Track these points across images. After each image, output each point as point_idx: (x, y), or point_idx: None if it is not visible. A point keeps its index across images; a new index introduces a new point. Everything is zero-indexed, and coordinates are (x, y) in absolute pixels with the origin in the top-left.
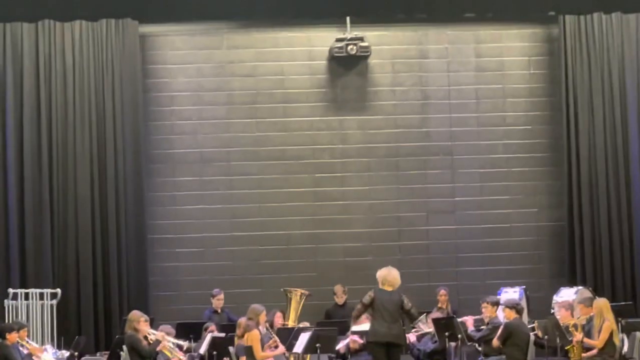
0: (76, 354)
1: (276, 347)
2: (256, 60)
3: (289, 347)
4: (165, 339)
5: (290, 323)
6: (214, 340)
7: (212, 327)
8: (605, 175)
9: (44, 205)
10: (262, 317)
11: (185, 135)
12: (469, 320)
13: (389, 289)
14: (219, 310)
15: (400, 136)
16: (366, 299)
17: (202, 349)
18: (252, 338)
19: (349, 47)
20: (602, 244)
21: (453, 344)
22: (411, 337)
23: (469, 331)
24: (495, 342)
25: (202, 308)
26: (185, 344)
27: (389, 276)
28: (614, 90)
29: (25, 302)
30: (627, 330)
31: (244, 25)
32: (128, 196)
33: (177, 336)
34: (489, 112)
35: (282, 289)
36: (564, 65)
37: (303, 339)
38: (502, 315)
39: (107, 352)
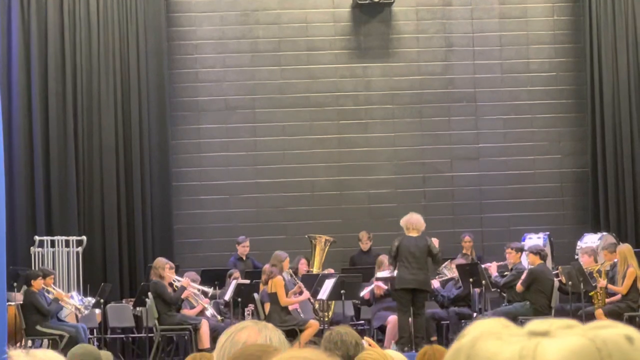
0: (102, 300)
1: (301, 293)
2: (280, 8)
3: (314, 293)
4: (190, 285)
5: (315, 269)
6: (238, 286)
7: (236, 273)
8: (629, 121)
9: (69, 154)
10: (286, 264)
11: (209, 83)
12: (492, 267)
13: (415, 233)
14: (244, 257)
15: (424, 83)
16: (392, 250)
17: (227, 296)
18: (276, 284)
19: None
20: (625, 190)
21: (477, 290)
22: (435, 283)
23: (492, 277)
24: (519, 287)
25: (227, 255)
26: (210, 290)
27: (411, 219)
28: (638, 37)
29: (51, 249)
30: None
31: None
32: (152, 144)
33: (202, 283)
34: (513, 59)
35: (306, 236)
36: (589, 12)
37: (327, 285)
38: (526, 261)
39: (133, 299)
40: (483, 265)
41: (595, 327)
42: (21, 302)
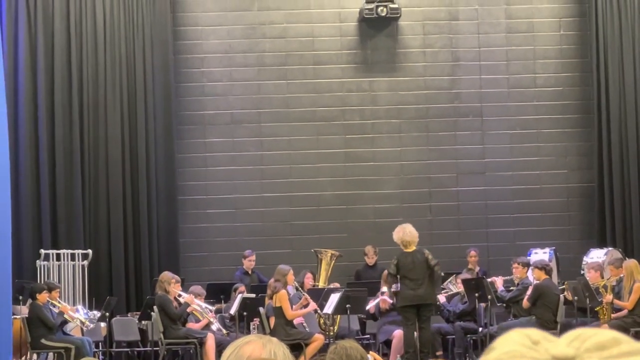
0: (107, 314)
1: (307, 305)
2: (286, 21)
3: (319, 307)
4: (194, 302)
5: (321, 284)
6: (244, 300)
7: (242, 287)
8: (636, 136)
9: (76, 167)
10: (290, 277)
11: (215, 96)
12: (498, 281)
13: (412, 248)
14: (250, 271)
15: (431, 97)
16: (392, 268)
17: (233, 310)
18: (281, 298)
19: (379, 9)
20: (632, 206)
21: (483, 304)
22: (441, 298)
23: (498, 292)
24: (526, 304)
25: (233, 269)
26: (213, 307)
27: (405, 236)
28: None
29: (57, 263)
30: None
31: None
32: (159, 158)
33: (208, 297)
34: (519, 73)
35: (312, 250)
36: (595, 27)
37: (333, 299)
38: (532, 276)
39: (138, 313)
40: (488, 280)
41: (627, 353)
42: (27, 316)
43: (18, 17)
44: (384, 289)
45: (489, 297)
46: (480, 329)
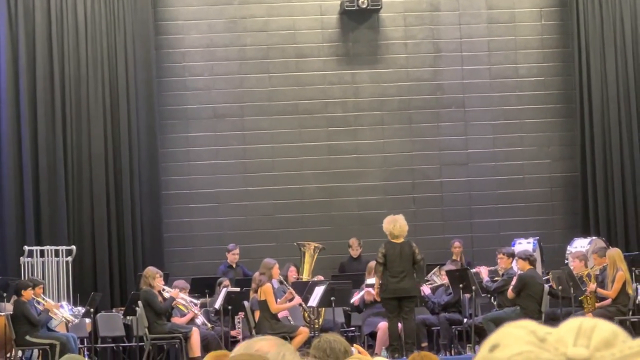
0: (92, 310)
1: (292, 299)
2: (268, 15)
3: (304, 300)
4: (179, 295)
5: (304, 277)
6: (229, 295)
7: (226, 282)
8: (618, 125)
9: (59, 163)
10: (275, 271)
11: (197, 91)
12: (483, 271)
13: (399, 240)
14: (234, 265)
15: (413, 89)
16: (381, 258)
17: (217, 304)
18: (265, 292)
19: (360, 1)
20: (615, 195)
21: (467, 295)
22: (426, 289)
23: (483, 282)
24: (510, 294)
25: (217, 263)
26: (198, 301)
27: (395, 229)
28: (626, 41)
29: (41, 259)
30: None
31: None
32: (142, 153)
33: (192, 291)
34: (501, 64)
35: (295, 243)
36: (576, 16)
37: (318, 292)
38: (516, 267)
39: (123, 308)
40: (473, 270)
41: (637, 352)
42: (11, 313)
43: None
44: (369, 281)
45: (474, 287)
46: (465, 319)
